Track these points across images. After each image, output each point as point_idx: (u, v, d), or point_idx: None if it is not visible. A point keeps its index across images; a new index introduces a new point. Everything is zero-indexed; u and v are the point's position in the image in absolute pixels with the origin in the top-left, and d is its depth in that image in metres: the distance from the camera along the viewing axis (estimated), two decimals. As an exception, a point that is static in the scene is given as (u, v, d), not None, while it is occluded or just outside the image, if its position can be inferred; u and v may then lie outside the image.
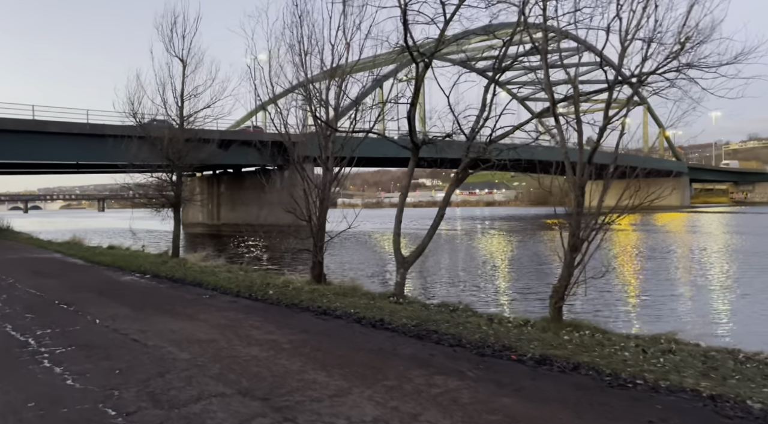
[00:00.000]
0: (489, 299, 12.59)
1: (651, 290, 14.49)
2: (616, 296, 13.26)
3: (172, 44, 16.59)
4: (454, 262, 20.46)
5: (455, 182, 8.92)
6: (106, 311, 8.26)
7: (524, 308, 11.50)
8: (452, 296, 12.43)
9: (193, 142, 16.82)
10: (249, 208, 63.29)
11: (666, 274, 17.32)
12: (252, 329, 6.95)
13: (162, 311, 8.24)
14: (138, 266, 14.23)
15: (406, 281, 15.76)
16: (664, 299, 12.84)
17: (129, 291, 10.45)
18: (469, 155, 8.66)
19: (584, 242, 6.49)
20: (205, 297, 9.68)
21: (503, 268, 19.32)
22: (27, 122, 39.20)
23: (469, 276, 17.05)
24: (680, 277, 16.93)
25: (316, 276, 10.84)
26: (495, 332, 6.22)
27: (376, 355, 5.57)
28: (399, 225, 9.31)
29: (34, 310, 8.50)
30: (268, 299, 9.21)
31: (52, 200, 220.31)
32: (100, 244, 23.54)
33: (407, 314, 7.46)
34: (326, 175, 10.77)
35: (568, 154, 7.02)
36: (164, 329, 7.03)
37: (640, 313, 11.12)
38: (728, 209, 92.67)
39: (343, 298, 8.90)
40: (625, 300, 12.85)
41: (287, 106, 10.79)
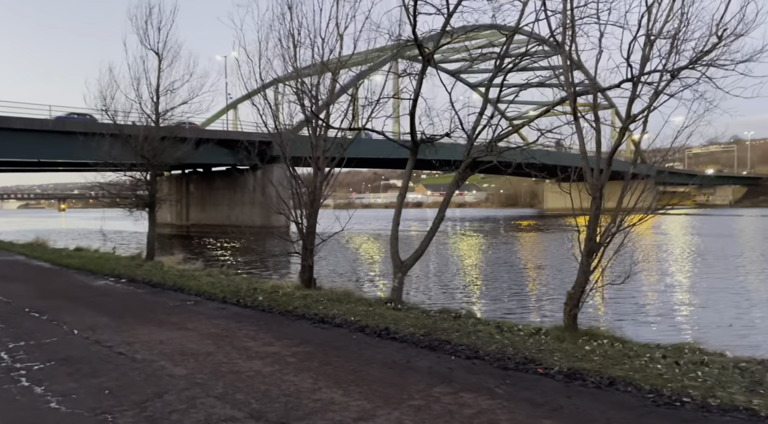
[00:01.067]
0: (486, 304, 12.30)
1: (648, 293, 14.45)
2: (614, 301, 13.19)
3: (147, 37, 15.84)
4: (440, 265, 20.15)
5: (456, 183, 8.58)
6: (84, 320, 7.65)
7: (525, 313, 11.26)
8: (448, 302, 12.10)
9: (170, 139, 16.09)
10: (219, 209, 62.05)
11: (663, 277, 17.38)
12: (248, 339, 6.46)
13: (145, 320, 7.67)
14: (111, 270, 13.49)
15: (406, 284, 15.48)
16: (664, 303, 12.77)
17: (105, 297, 9.80)
18: (471, 154, 8.33)
19: (601, 247, 6.22)
20: (189, 304, 9.12)
21: (491, 271, 19.11)
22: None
23: (458, 280, 16.75)
24: (675, 279, 16.99)
25: (306, 281, 10.37)
26: (511, 342, 5.89)
27: (391, 369, 5.17)
28: (397, 228, 8.92)
29: (2, 319, 7.82)
30: (259, 305, 8.71)
31: (9, 199, 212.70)
32: (66, 246, 22.47)
33: (412, 322, 7.08)
34: (317, 175, 10.30)
35: (558, 157, 6.76)
36: (151, 340, 6.48)
37: (646, 319, 10.93)
38: (693, 212, 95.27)
39: (338, 304, 8.46)
40: (625, 304, 12.76)
41: (277, 102, 10.25)
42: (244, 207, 59.18)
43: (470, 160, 8.40)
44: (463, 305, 10.87)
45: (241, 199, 59.86)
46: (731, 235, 37.46)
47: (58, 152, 41.23)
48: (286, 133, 10.26)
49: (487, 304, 12.15)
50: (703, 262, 21.17)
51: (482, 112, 8.57)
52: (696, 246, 28.14)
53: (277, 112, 10.15)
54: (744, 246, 28.81)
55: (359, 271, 19.07)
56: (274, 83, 10.25)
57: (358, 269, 19.73)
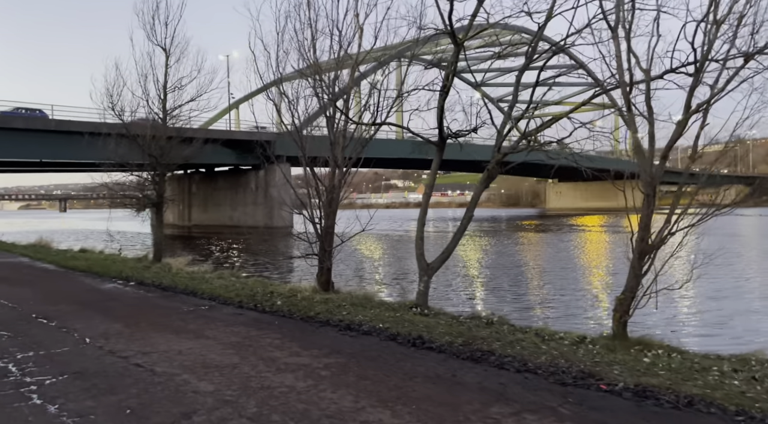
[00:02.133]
0: (514, 309, 11.77)
1: (690, 297, 13.96)
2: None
3: (154, 32, 15.39)
4: (458, 267, 19.68)
5: (485, 180, 8.13)
6: (95, 327, 7.21)
7: (558, 318, 10.79)
8: (472, 306, 11.67)
9: (177, 138, 15.65)
10: (222, 209, 61.63)
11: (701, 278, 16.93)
12: (273, 349, 6.02)
13: (161, 327, 7.23)
14: (118, 272, 13.05)
15: (413, 287, 14.99)
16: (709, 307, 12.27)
17: (115, 302, 9.35)
18: (501, 151, 7.89)
19: (655, 249, 5.77)
20: (203, 308, 8.68)
21: (510, 273, 18.63)
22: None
23: (478, 282, 16.26)
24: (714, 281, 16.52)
25: (324, 283, 9.92)
26: (560, 353, 5.45)
27: (436, 385, 4.73)
28: (422, 228, 8.48)
29: (8, 326, 7.37)
30: (278, 310, 8.26)
31: (11, 200, 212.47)
32: (70, 247, 22.05)
33: (445, 329, 6.64)
34: (336, 173, 9.85)
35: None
36: (169, 349, 6.04)
37: (693, 325, 10.43)
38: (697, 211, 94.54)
39: (362, 309, 8.02)
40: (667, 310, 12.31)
41: (297, 95, 9.76)
42: (247, 207, 58.80)
43: (501, 156, 7.96)
44: (490, 309, 10.40)
45: (243, 199, 59.48)
46: (763, 234, 36.93)
47: (60, 152, 40.82)
48: (302, 125, 9.75)
49: (515, 309, 11.68)
50: (740, 262, 20.68)
51: (513, 106, 8.14)
52: (724, 245, 27.65)
53: (296, 106, 9.68)
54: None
55: (373, 273, 18.61)
56: (292, 78, 9.78)
57: (371, 271, 19.27)
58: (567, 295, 13.95)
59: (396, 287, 14.87)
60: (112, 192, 16.08)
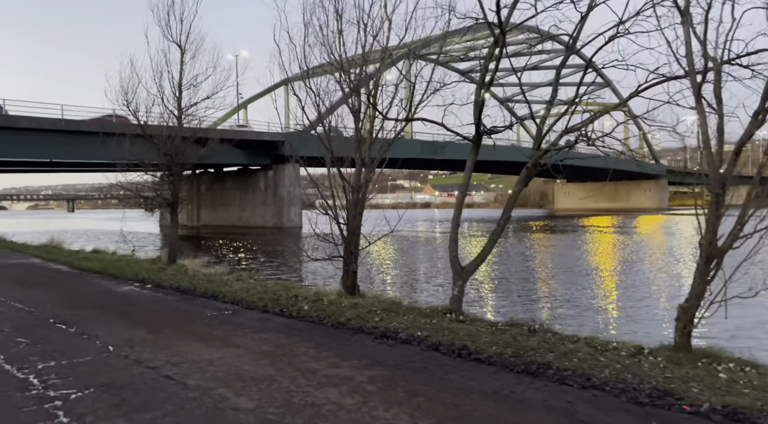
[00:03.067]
0: (553, 315, 11.33)
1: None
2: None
3: (169, 28, 15.03)
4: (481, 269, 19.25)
5: (523, 180, 7.71)
6: (117, 334, 6.85)
7: (596, 323, 10.38)
8: (506, 310, 11.22)
9: (192, 138, 15.31)
10: (230, 210, 61.38)
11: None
12: (310, 359, 5.63)
13: (186, 333, 6.86)
14: (134, 274, 12.71)
15: (439, 291, 14.58)
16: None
17: (134, 306, 9.00)
18: (542, 147, 7.47)
19: (724, 252, 5.35)
20: (227, 313, 8.31)
21: (534, 274, 18.19)
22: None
23: (506, 285, 15.77)
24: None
25: (349, 287, 9.53)
26: (623, 366, 5.03)
27: (497, 403, 4.32)
28: (456, 229, 8.07)
29: (27, 332, 7.03)
30: (306, 316, 7.88)
31: (19, 201, 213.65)
32: (82, 247, 21.77)
33: (489, 338, 6.23)
34: (363, 172, 9.45)
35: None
36: (199, 359, 5.66)
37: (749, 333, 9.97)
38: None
39: (395, 315, 7.62)
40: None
41: (320, 90, 9.35)
42: (256, 208, 58.51)
43: (541, 153, 7.54)
44: (525, 315, 9.97)
45: (252, 199, 59.20)
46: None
47: (69, 152, 40.67)
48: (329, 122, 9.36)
49: (550, 314, 11.24)
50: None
51: (552, 101, 7.70)
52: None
53: (323, 102, 9.28)
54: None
55: (394, 275, 18.18)
56: (318, 74, 9.39)
57: (392, 273, 18.83)
58: (600, 299, 13.51)
59: (422, 291, 14.47)
60: (126, 192, 15.72)
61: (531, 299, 13.42)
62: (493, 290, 14.74)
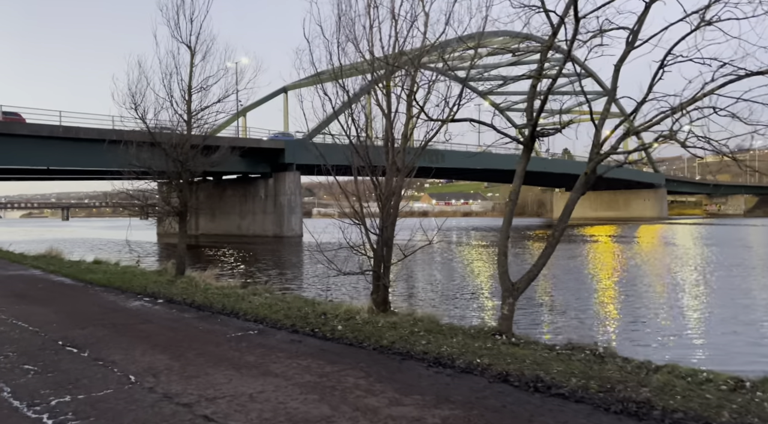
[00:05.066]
0: (596, 331, 10.66)
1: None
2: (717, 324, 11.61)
3: (179, 28, 14.36)
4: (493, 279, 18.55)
5: (582, 186, 7.03)
6: (137, 360, 6.10)
7: (648, 343, 9.67)
8: (548, 329, 10.50)
9: (202, 145, 14.61)
10: (230, 218, 60.54)
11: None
12: (364, 393, 4.90)
13: (214, 359, 6.12)
14: (142, 287, 11.96)
15: (469, 306, 13.87)
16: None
17: (149, 324, 8.24)
18: (602, 152, 6.81)
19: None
20: (253, 333, 7.57)
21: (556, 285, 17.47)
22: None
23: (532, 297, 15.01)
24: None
25: (380, 303, 8.81)
26: (745, 408, 4.31)
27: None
28: (506, 242, 7.38)
29: (33, 357, 6.28)
30: (341, 337, 7.15)
31: (12, 209, 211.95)
32: (82, 257, 20.94)
33: (561, 366, 5.52)
34: (395, 179, 8.76)
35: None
36: (237, 393, 4.93)
37: None
38: (710, 221, 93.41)
39: (442, 338, 6.91)
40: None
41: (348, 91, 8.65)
42: (256, 216, 57.69)
43: (602, 158, 6.89)
44: (574, 334, 9.28)
45: (252, 208, 58.38)
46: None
47: (69, 160, 39.88)
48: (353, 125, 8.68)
49: (598, 332, 10.50)
50: None
51: (612, 98, 7.04)
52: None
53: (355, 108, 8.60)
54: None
55: (415, 288, 17.41)
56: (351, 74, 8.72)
57: (411, 285, 18.06)
58: (641, 311, 12.82)
59: (452, 306, 13.71)
60: (133, 200, 14.97)
61: (571, 314, 12.68)
62: (528, 305, 14.01)
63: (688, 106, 5.91)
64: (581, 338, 9.42)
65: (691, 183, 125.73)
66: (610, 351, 6.44)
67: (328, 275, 16.80)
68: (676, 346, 9.72)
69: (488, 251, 32.99)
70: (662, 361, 6.30)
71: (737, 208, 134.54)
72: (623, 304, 14.19)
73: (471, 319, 11.44)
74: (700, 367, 6.02)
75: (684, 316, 12.51)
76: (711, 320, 12.11)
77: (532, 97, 7.00)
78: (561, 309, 13.27)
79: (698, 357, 8.93)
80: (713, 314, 12.73)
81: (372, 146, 8.60)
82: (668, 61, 6.21)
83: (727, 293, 15.67)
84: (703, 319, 12.24)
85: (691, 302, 14.37)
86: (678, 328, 11.20)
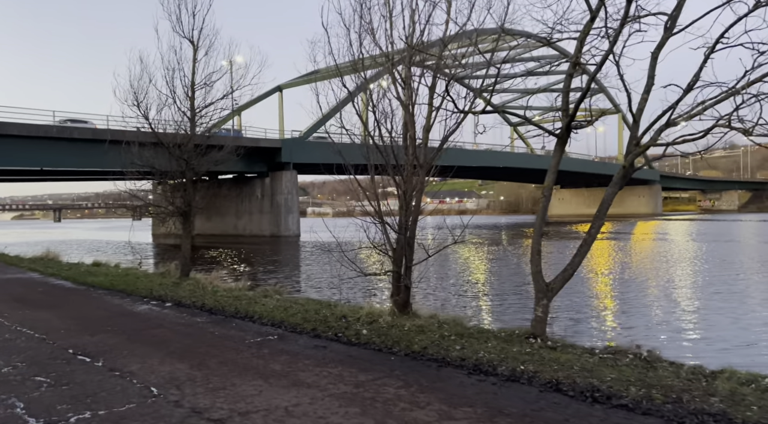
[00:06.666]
0: (626, 332, 10.30)
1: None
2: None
3: (181, 23, 13.96)
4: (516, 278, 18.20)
5: (620, 181, 6.68)
6: (156, 369, 5.71)
7: (685, 344, 9.35)
8: (583, 331, 10.13)
9: (205, 144, 14.21)
10: (226, 219, 59.92)
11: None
12: (410, 406, 4.53)
13: (238, 368, 5.74)
14: (148, 290, 11.55)
15: (487, 305, 13.53)
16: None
17: (161, 329, 7.85)
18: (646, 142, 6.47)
19: None
20: (273, 339, 7.19)
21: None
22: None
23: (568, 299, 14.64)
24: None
25: (402, 305, 8.44)
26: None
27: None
28: (539, 240, 7.03)
29: (44, 367, 5.88)
30: (368, 342, 6.78)
31: (3, 211, 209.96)
32: (80, 260, 20.45)
33: (614, 373, 5.18)
34: (414, 177, 8.40)
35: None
36: (271, 406, 4.55)
37: None
38: (705, 217, 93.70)
39: (475, 342, 6.56)
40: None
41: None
42: (253, 216, 57.13)
43: (643, 149, 6.56)
44: (609, 335, 8.97)
45: (248, 207, 57.81)
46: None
47: (63, 160, 39.25)
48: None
49: (627, 333, 10.15)
50: None
51: (649, 87, 6.68)
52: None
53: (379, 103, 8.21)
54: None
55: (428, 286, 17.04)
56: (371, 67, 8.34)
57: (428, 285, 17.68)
58: (666, 309, 12.52)
59: (471, 306, 13.36)
60: (132, 201, 14.53)
61: (596, 314, 12.36)
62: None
63: (749, 87, 5.57)
64: (610, 339, 9.11)
65: (685, 179, 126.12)
66: (654, 355, 6.11)
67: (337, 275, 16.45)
68: (706, 346, 9.41)
69: (489, 248, 32.72)
70: (707, 364, 6.00)
71: (731, 203, 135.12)
72: (637, 301, 13.89)
73: (495, 320, 11.12)
74: (753, 371, 5.69)
75: (692, 311, 12.23)
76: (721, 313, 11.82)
77: (567, 88, 6.66)
78: (575, 308, 12.95)
79: (736, 358, 8.61)
80: (711, 306, 12.45)
81: (394, 143, 8.22)
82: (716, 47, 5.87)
83: (729, 288, 15.42)
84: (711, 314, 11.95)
85: (699, 300, 14.10)
86: (699, 325, 10.91)
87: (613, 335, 9.75)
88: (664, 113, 6.25)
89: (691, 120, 6.24)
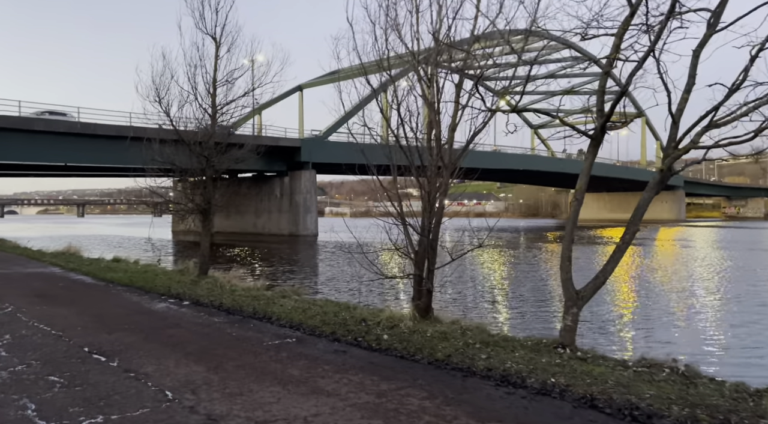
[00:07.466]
0: (655, 343, 9.97)
1: None
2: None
3: (203, 19, 13.87)
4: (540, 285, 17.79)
5: (657, 185, 6.36)
6: (172, 371, 5.54)
7: (717, 356, 8.98)
8: (609, 341, 9.81)
9: (226, 141, 14.11)
10: (245, 217, 60.17)
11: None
12: (436, 419, 4.28)
13: (255, 372, 5.55)
14: (166, 288, 11.45)
15: (508, 311, 13.23)
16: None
17: (178, 329, 7.70)
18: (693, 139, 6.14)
19: None
20: (291, 342, 6.99)
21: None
22: (12, 119, 35.85)
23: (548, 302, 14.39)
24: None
25: (423, 309, 8.20)
26: None
27: None
28: (570, 246, 6.73)
29: (59, 366, 5.74)
30: (389, 348, 6.55)
31: (29, 205, 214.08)
32: (101, 255, 20.55)
33: (653, 389, 4.88)
34: (438, 179, 8.15)
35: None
36: (289, 415, 4.34)
37: None
38: (731, 224, 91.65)
39: (502, 351, 6.29)
40: None
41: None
42: (272, 214, 57.27)
43: (681, 152, 6.23)
44: (640, 347, 8.64)
45: (267, 206, 57.96)
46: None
47: (86, 156, 39.70)
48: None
49: (666, 348, 9.78)
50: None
51: (690, 87, 6.34)
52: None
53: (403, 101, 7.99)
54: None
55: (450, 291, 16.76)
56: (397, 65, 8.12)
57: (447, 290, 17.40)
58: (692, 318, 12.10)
59: (496, 311, 13.07)
60: (153, 197, 14.50)
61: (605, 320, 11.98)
62: (552, 309, 13.34)
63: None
64: (640, 350, 8.73)
65: (709, 185, 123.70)
66: (693, 370, 5.77)
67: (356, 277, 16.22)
68: (733, 360, 9.01)
69: (510, 252, 32.27)
70: (749, 381, 5.65)
71: (757, 211, 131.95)
72: (665, 311, 13.44)
73: (519, 328, 10.81)
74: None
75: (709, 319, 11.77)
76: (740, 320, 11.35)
77: (603, 87, 6.35)
78: (603, 316, 12.56)
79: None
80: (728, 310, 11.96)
81: (419, 143, 7.98)
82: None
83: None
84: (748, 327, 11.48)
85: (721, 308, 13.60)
86: (735, 339, 10.47)
87: (643, 347, 9.37)
88: (708, 114, 5.92)
89: (735, 121, 5.90)
